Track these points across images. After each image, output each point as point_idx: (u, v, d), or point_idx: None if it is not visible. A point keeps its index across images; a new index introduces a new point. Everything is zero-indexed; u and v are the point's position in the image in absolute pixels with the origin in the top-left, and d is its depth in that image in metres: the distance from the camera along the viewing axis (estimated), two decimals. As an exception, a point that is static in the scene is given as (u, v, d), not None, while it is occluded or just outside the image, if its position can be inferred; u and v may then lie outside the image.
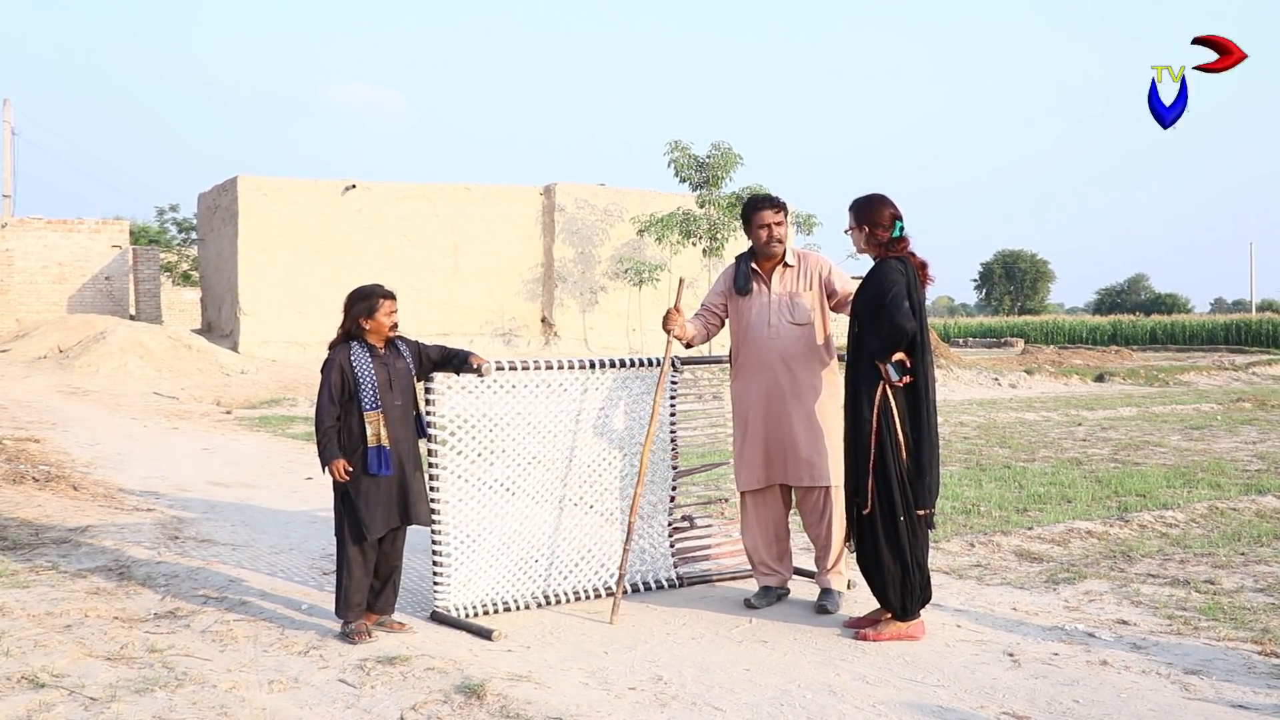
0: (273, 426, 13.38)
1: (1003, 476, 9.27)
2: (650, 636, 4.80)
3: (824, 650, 4.59)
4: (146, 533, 6.83)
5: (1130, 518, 7.26)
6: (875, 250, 4.80)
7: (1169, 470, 9.57)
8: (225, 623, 4.91)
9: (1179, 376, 24.10)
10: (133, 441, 11.70)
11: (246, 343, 22.20)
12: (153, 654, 4.44)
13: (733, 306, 5.42)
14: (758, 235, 5.32)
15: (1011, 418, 14.78)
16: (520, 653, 4.56)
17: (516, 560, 5.24)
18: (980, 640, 4.71)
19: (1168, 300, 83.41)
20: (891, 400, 4.64)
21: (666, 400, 5.66)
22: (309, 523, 7.34)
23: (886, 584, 4.70)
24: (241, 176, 22.75)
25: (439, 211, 24.24)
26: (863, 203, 4.84)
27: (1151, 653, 4.53)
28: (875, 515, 4.68)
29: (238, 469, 9.84)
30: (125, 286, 26.50)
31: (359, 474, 4.68)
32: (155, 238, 39.98)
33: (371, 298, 4.80)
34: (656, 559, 5.70)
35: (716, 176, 24.60)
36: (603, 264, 25.82)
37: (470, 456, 5.09)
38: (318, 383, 4.85)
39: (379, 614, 4.86)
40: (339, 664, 4.37)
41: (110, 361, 18.70)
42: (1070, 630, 4.84)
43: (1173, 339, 50.63)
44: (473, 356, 4.96)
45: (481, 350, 20.38)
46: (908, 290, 4.63)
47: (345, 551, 4.74)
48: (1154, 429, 13.30)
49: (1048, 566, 6.06)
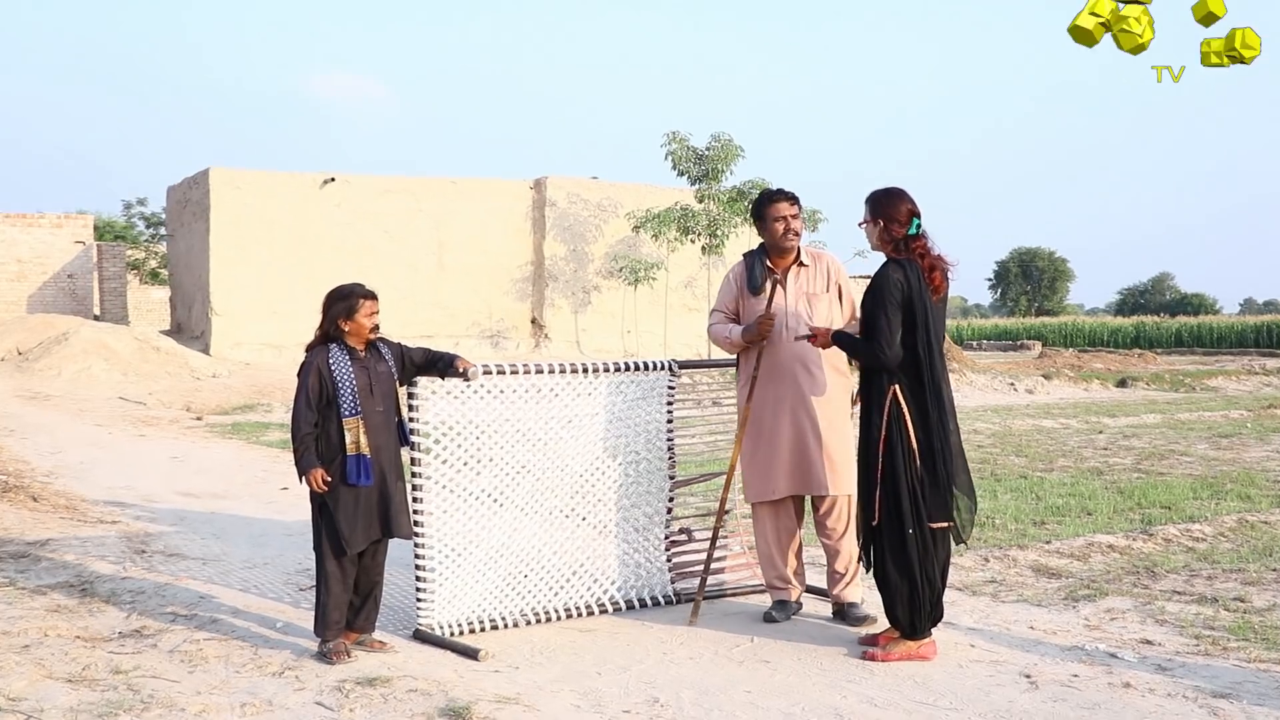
0: (246, 433, 13.36)
1: (1019, 487, 9.28)
2: (646, 656, 4.80)
3: (830, 671, 4.59)
4: (111, 546, 6.82)
5: (1154, 531, 7.27)
6: (888, 247, 4.82)
7: (1196, 481, 9.58)
8: (195, 642, 4.90)
9: (1206, 381, 24.15)
10: (97, 449, 11.68)
11: (218, 345, 22.18)
12: (117, 675, 4.43)
13: (745, 307, 5.43)
14: (773, 229, 5.34)
15: (1028, 425, 14.80)
16: (508, 673, 4.55)
17: (504, 575, 5.24)
18: (995, 661, 4.71)
19: (1194, 300, 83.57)
20: (903, 406, 4.65)
21: (664, 407, 5.67)
22: (284, 535, 7.33)
23: (894, 600, 4.71)
24: (214, 168, 22.73)
25: (423, 206, 24.24)
26: (880, 196, 4.87)
27: (1177, 675, 4.53)
28: (883, 528, 4.70)
29: (209, 478, 9.82)
30: (89, 285, 26.48)
31: (338, 484, 4.68)
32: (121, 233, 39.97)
33: (351, 297, 4.80)
34: (652, 574, 5.70)
35: (717, 169, 24.58)
36: (596, 262, 25.83)
37: (455, 465, 5.09)
38: (294, 387, 4.85)
39: (359, 632, 4.86)
40: (316, 685, 4.36)
41: (73, 364, 18.67)
42: (1091, 650, 4.84)
43: (1199, 341, 50.70)
44: (458, 360, 4.96)
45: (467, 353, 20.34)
46: (910, 299, 4.65)
47: (323, 566, 4.74)
48: (1180, 437, 13.32)
49: (1067, 583, 6.07)
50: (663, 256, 25.32)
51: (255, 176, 23.01)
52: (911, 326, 4.67)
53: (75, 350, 19.05)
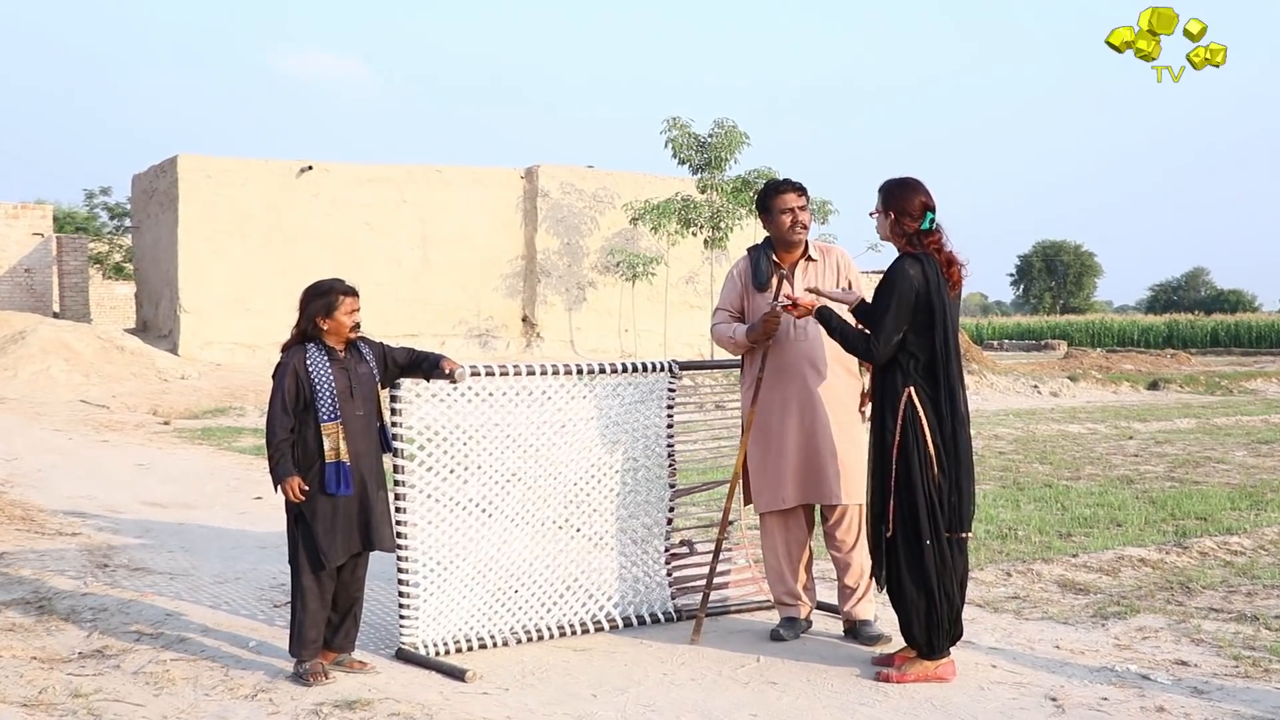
0: (217, 439, 13.36)
1: (1043, 497, 9.28)
2: (645, 677, 4.80)
3: (841, 693, 4.59)
4: (71, 560, 6.82)
5: (1189, 544, 7.28)
6: (900, 241, 4.83)
7: (1233, 490, 9.59)
8: (161, 663, 4.89)
9: (1244, 383, 24.17)
10: (56, 456, 11.67)
11: (187, 344, 22.18)
12: (76, 699, 4.42)
13: (750, 304, 5.43)
14: (779, 222, 5.34)
15: (1053, 430, 14.81)
16: (497, 695, 4.55)
17: (493, 590, 5.24)
18: (1019, 682, 4.71)
19: (1231, 297, 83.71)
20: (919, 409, 4.65)
21: (664, 410, 5.67)
22: (258, 548, 7.33)
23: (910, 617, 4.71)
24: (182, 155, 22.74)
25: (406, 196, 24.25)
26: (894, 186, 4.87)
27: (1215, 698, 4.53)
28: (896, 539, 4.70)
29: (177, 487, 9.82)
30: (48, 279, 26.48)
31: (316, 493, 4.67)
32: (83, 224, 39.95)
33: (330, 294, 4.80)
34: (651, 589, 5.70)
35: (720, 158, 24.63)
36: (591, 256, 25.85)
37: (441, 473, 5.08)
38: (269, 390, 4.85)
39: (337, 652, 4.85)
40: (291, 709, 4.35)
41: (30, 365, 18.66)
42: (1121, 672, 4.85)
43: (1237, 341, 50.80)
44: (444, 360, 4.95)
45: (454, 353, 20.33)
46: (928, 296, 4.65)
47: (300, 581, 4.73)
48: (1216, 443, 13.33)
49: (1095, 599, 6.07)
50: (662, 250, 25.33)
51: (227, 164, 23.02)
52: (929, 325, 4.67)
53: (33, 350, 19.03)
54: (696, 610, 5.49)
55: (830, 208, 25.24)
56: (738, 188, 24.22)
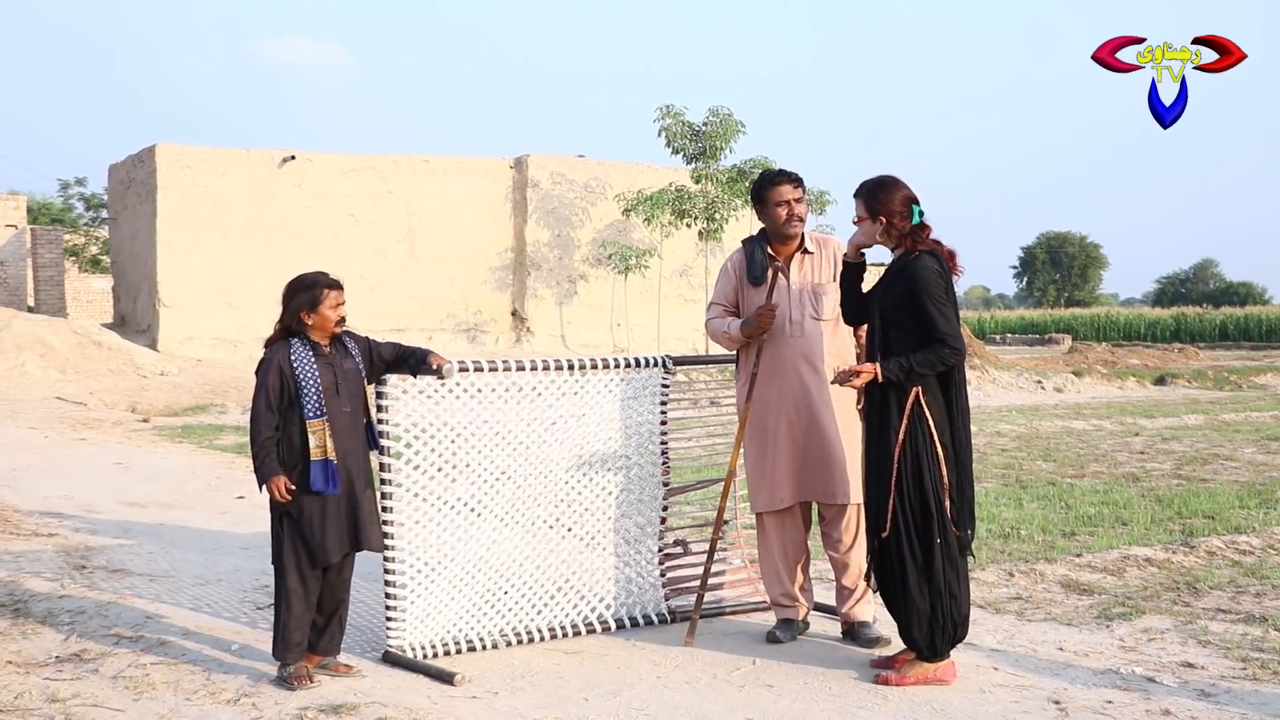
0: (198, 437, 13.35)
1: (1047, 495, 9.31)
2: (638, 680, 4.81)
3: (839, 696, 4.61)
4: (47, 562, 6.81)
5: (1196, 543, 7.30)
6: (896, 242, 4.82)
7: (1242, 488, 9.63)
8: (140, 667, 4.90)
9: (1254, 379, 24.23)
10: (31, 455, 11.66)
11: (166, 339, 22.15)
12: (53, 704, 4.42)
13: (745, 299, 5.44)
14: (775, 214, 5.35)
15: (1057, 427, 14.85)
16: (487, 699, 4.56)
17: (483, 592, 5.25)
18: (1021, 685, 4.73)
19: (1240, 290, 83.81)
20: (925, 407, 4.66)
21: (657, 407, 5.68)
22: (240, 549, 7.33)
23: (911, 619, 4.72)
24: (160, 145, 22.69)
25: (392, 187, 24.22)
26: (873, 187, 4.84)
27: (1222, 701, 4.55)
28: (901, 539, 4.71)
29: (156, 487, 9.82)
30: (22, 273, 26.42)
31: (301, 492, 4.68)
32: (58, 216, 39.92)
33: (315, 287, 4.80)
34: (645, 590, 5.71)
35: (715, 147, 24.62)
36: (582, 248, 25.84)
37: (429, 472, 5.09)
38: (251, 387, 4.84)
39: (322, 655, 4.86)
40: (275, 714, 4.36)
41: (4, 361, 18.62)
42: (1126, 674, 4.87)
43: (1247, 335, 50.90)
44: (432, 356, 4.96)
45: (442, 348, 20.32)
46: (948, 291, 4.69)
47: (284, 583, 4.74)
48: (1224, 440, 13.37)
49: (1100, 600, 6.09)
50: (655, 242, 25.34)
51: (206, 154, 22.97)
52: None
53: (7, 346, 18.99)
54: (691, 612, 5.50)
55: (828, 198, 25.30)
56: (733, 178, 24.22)
